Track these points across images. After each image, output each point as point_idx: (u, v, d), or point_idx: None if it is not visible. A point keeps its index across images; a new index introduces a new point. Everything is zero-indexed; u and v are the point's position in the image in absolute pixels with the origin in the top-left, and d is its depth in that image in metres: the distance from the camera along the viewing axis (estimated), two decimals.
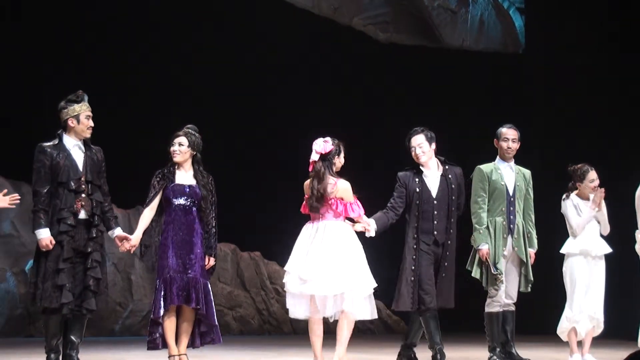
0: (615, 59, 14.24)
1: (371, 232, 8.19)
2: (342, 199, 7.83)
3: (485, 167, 8.82)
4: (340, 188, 7.80)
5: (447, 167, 8.64)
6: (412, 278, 8.34)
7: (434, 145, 8.59)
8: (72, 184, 7.64)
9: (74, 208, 7.62)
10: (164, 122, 8.32)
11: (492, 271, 8.56)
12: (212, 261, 8.07)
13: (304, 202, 7.95)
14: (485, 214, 8.69)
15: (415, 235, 8.45)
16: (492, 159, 8.91)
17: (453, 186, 8.57)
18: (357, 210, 7.92)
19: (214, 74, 14.28)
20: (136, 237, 7.94)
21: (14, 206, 7.59)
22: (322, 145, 7.85)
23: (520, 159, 8.97)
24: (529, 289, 8.82)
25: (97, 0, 13.79)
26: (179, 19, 14.18)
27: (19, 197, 7.55)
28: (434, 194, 8.51)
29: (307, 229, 7.88)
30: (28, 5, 13.37)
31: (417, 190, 8.48)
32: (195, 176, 8.05)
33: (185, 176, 8.03)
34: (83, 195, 7.67)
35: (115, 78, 13.50)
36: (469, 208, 8.77)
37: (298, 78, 14.76)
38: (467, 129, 14.58)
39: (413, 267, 8.37)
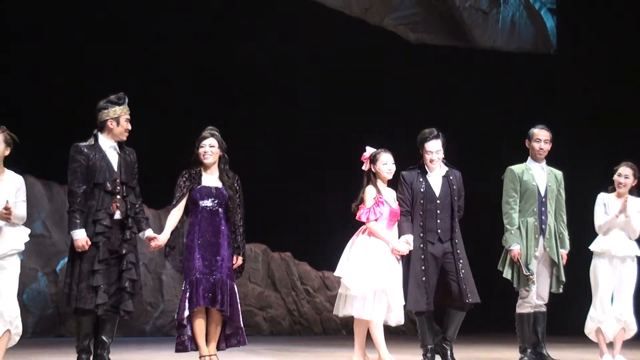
0: None
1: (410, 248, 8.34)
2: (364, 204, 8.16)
3: (517, 168, 8.79)
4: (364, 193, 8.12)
5: (448, 169, 8.63)
6: (424, 279, 8.30)
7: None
8: (109, 185, 7.62)
9: (110, 209, 7.61)
10: (196, 122, 8.31)
11: (524, 272, 8.51)
12: (240, 260, 8.07)
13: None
14: (517, 215, 8.66)
15: (422, 234, 8.41)
16: (523, 160, 8.87)
17: (454, 187, 8.56)
18: (363, 216, 8.10)
19: (248, 74, 14.29)
20: (164, 237, 7.91)
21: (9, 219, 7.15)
22: (363, 155, 8.22)
23: (551, 158, 8.91)
24: (561, 290, 8.75)
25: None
26: (205, 18, 14.21)
27: (9, 209, 7.10)
28: (437, 193, 8.50)
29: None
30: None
31: (422, 189, 8.47)
32: (220, 177, 8.04)
33: (211, 178, 8.02)
34: (118, 196, 7.65)
35: (153, 76, 13.52)
36: (498, 208, 8.76)
37: (325, 78, 14.74)
38: (498, 130, 14.51)
39: (423, 268, 8.34)
